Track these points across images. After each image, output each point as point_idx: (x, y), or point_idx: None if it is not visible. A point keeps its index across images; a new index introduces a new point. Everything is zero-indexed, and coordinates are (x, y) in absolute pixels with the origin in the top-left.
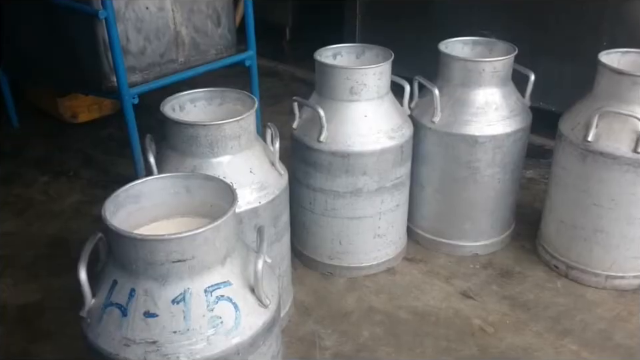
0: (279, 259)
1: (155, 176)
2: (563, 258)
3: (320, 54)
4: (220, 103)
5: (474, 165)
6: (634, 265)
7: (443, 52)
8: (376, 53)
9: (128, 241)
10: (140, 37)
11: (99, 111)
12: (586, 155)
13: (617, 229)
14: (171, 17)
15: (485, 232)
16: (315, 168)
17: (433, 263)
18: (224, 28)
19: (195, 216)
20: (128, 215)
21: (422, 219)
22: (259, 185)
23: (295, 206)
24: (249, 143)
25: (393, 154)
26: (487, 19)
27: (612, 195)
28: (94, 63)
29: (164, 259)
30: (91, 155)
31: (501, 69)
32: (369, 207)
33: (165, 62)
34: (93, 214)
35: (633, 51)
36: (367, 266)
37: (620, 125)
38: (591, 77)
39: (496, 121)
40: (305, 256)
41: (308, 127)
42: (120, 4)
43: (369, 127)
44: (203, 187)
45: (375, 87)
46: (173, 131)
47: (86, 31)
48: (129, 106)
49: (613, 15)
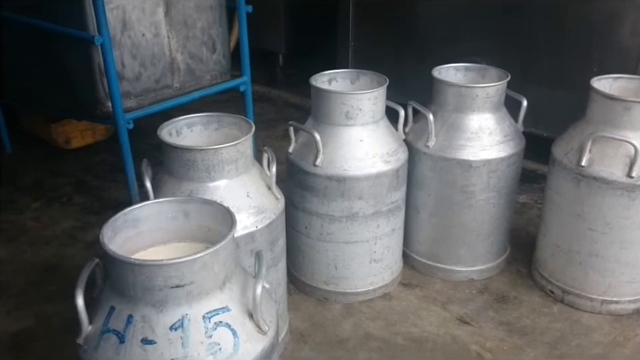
0: (275, 284)
1: (153, 200)
2: (558, 283)
3: (315, 79)
4: (216, 128)
5: (469, 189)
6: (629, 290)
7: (436, 78)
8: (370, 78)
9: (125, 266)
10: (135, 63)
11: (93, 136)
12: (580, 180)
13: (612, 253)
14: (167, 43)
15: (481, 257)
16: (311, 192)
17: (429, 288)
18: (219, 54)
19: (192, 241)
20: (125, 239)
21: (417, 243)
22: (256, 209)
23: (290, 230)
24: (246, 167)
25: (388, 178)
26: (478, 45)
27: (606, 219)
28: (89, 89)
29: (162, 285)
30: (84, 181)
31: (494, 94)
32: (365, 231)
33: (160, 87)
34: (86, 240)
35: (623, 76)
36: (363, 291)
37: (613, 149)
38: (582, 102)
39: (490, 146)
40: (301, 281)
41: (304, 151)
42: (116, 30)
43: (364, 151)
44: (201, 212)
45: (370, 111)
46: (170, 155)
47: (82, 56)
48: (123, 131)
49: (602, 41)
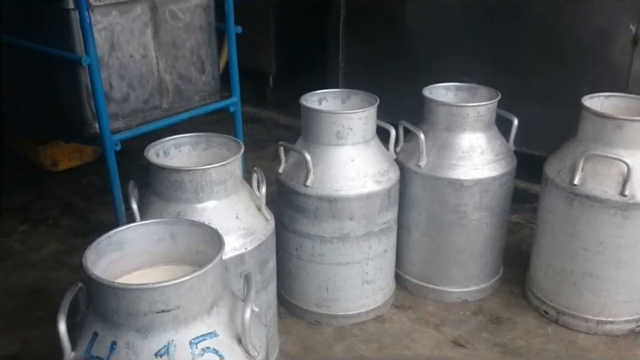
0: (265, 307)
1: (139, 222)
2: (552, 303)
3: (306, 99)
4: (205, 148)
5: (461, 208)
6: (625, 310)
7: (427, 97)
8: (361, 98)
9: (109, 290)
10: (123, 84)
11: (80, 158)
12: (573, 199)
13: (606, 273)
14: (155, 64)
15: (474, 277)
16: (302, 213)
17: (423, 310)
18: (208, 75)
19: (179, 263)
20: (110, 263)
21: (410, 264)
22: (245, 230)
23: (280, 252)
24: (235, 187)
25: (380, 198)
26: (468, 65)
27: (600, 238)
28: (76, 110)
29: (147, 310)
30: (70, 203)
31: (485, 113)
32: (357, 252)
33: (149, 108)
34: (73, 263)
35: (615, 95)
36: (356, 314)
37: (605, 168)
38: (573, 121)
39: (481, 165)
40: (291, 304)
41: (294, 171)
42: (104, 51)
43: (355, 171)
44: (189, 233)
45: (361, 131)
46: (157, 176)
47: (69, 77)
48: (110, 153)
49: (593, 60)
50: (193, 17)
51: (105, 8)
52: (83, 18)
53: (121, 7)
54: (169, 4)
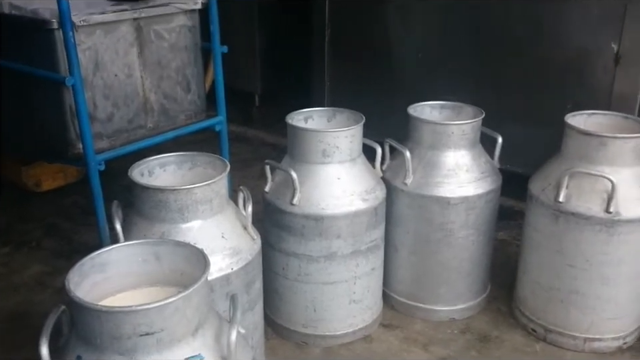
0: (252, 328)
1: (122, 243)
2: (540, 321)
3: (292, 117)
4: (190, 167)
5: (447, 226)
6: (611, 327)
7: (412, 115)
8: (347, 116)
9: (92, 313)
10: (108, 104)
11: (64, 178)
12: (558, 216)
13: (592, 290)
14: (140, 83)
15: (462, 295)
16: (288, 231)
17: (410, 329)
18: (193, 94)
19: (164, 285)
20: (93, 285)
21: (397, 282)
22: (231, 250)
23: (267, 272)
24: (221, 207)
25: (367, 216)
26: (452, 84)
27: (585, 255)
28: (60, 130)
29: (131, 332)
30: (54, 224)
31: (470, 131)
32: (344, 271)
33: (133, 128)
34: (56, 286)
35: (598, 112)
36: (343, 334)
37: (590, 185)
38: (556, 139)
39: (467, 183)
40: (278, 325)
41: (280, 190)
42: (88, 71)
43: (342, 190)
44: (173, 254)
45: (347, 149)
46: (141, 196)
47: (52, 97)
48: (94, 173)
49: (575, 79)
50: (179, 37)
51: (89, 28)
52: (67, 38)
53: (105, 27)
54: (154, 24)
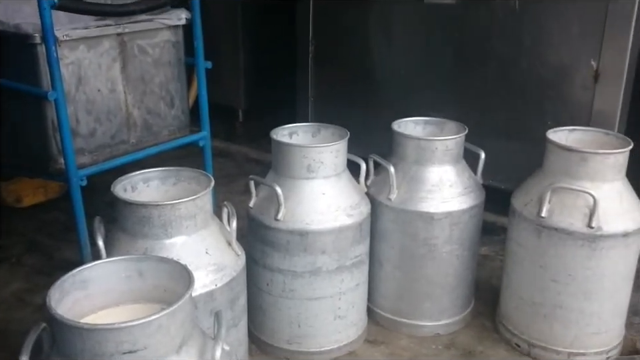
0: (236, 345)
1: (105, 259)
2: (523, 336)
3: (276, 133)
4: (174, 183)
5: (431, 241)
6: (595, 341)
7: (396, 131)
8: (332, 131)
9: (73, 330)
10: (90, 119)
11: (45, 194)
12: (540, 231)
13: (576, 305)
14: (123, 98)
15: (446, 311)
16: (273, 247)
17: (395, 345)
18: (177, 109)
19: (147, 302)
20: (74, 302)
21: (382, 298)
22: (216, 266)
23: (251, 288)
24: (205, 222)
25: (352, 232)
26: (434, 101)
27: (568, 270)
28: (41, 145)
29: (113, 350)
30: (34, 241)
31: (453, 147)
32: (329, 286)
33: (116, 143)
34: (37, 303)
35: (578, 128)
36: (327, 350)
37: (572, 200)
38: (537, 155)
39: (451, 198)
40: (262, 341)
41: (265, 205)
42: (70, 86)
43: (327, 205)
44: (157, 270)
45: (332, 164)
46: (124, 212)
47: (34, 112)
48: (76, 188)
49: (555, 95)
50: (162, 52)
51: (72, 42)
52: (50, 52)
53: (88, 42)
54: (137, 39)
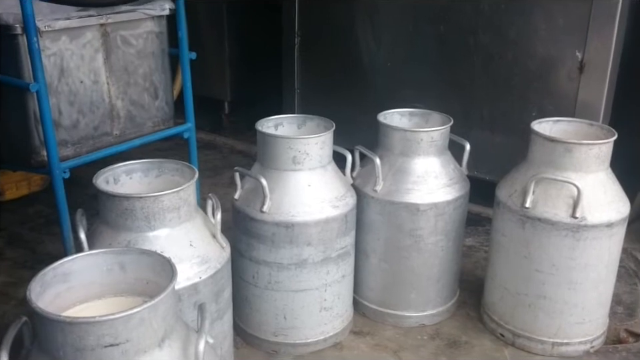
0: (221, 337)
1: (86, 252)
2: (508, 326)
3: (262, 124)
4: (157, 175)
5: (417, 232)
6: (579, 331)
7: (382, 123)
8: (317, 123)
9: (54, 324)
10: (73, 110)
11: (28, 187)
12: (525, 221)
13: (559, 295)
14: (106, 90)
15: (431, 301)
16: (258, 239)
17: (381, 336)
18: (161, 101)
19: (129, 295)
20: (56, 295)
21: (367, 289)
22: (200, 259)
23: (236, 280)
24: (189, 215)
25: (337, 223)
26: (420, 92)
27: (552, 260)
28: (23, 137)
29: (95, 344)
30: (17, 234)
31: (438, 138)
32: (315, 278)
33: (99, 135)
34: (19, 297)
35: (563, 119)
36: (314, 341)
37: (556, 190)
38: (522, 146)
39: (436, 189)
40: (248, 333)
41: (250, 197)
42: (53, 77)
43: (312, 197)
44: (139, 263)
45: (317, 156)
46: (107, 204)
47: (16, 103)
48: (59, 180)
49: (541, 87)
50: (146, 43)
51: (54, 33)
52: (32, 43)
53: (71, 33)
54: (120, 30)
